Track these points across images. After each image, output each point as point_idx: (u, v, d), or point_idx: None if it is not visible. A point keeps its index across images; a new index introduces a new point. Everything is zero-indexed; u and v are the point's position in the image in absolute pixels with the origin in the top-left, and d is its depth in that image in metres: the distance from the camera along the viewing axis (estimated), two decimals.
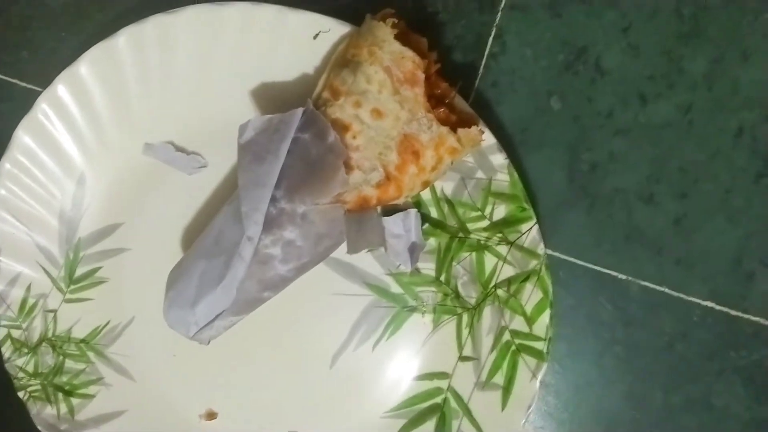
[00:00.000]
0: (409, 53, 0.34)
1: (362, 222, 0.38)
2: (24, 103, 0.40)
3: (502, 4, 0.39)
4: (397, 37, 0.35)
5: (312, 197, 0.36)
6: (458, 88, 0.37)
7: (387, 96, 0.35)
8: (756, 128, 0.39)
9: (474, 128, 0.36)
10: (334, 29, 0.38)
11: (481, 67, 0.40)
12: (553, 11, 0.39)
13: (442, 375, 0.42)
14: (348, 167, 0.35)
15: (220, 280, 0.37)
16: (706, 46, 0.39)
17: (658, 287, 0.41)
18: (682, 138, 0.39)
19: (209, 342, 0.39)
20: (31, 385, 0.42)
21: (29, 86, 0.42)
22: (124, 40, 0.39)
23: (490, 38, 0.39)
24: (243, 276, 0.37)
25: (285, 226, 0.36)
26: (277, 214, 0.36)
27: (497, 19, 0.39)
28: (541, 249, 0.39)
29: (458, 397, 0.42)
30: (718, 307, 0.40)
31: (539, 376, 0.40)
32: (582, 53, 0.39)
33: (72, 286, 0.43)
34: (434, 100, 0.36)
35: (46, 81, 0.40)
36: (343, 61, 0.36)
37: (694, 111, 0.39)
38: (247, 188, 0.36)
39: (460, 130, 0.35)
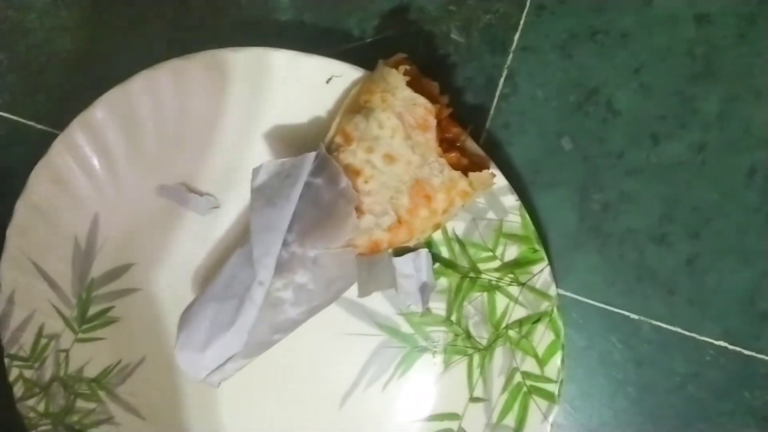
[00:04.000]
0: (420, 100, 0.35)
1: (373, 264, 0.38)
2: (40, 145, 0.40)
3: (513, 46, 0.39)
4: (410, 83, 0.35)
5: (323, 241, 0.36)
6: (469, 132, 0.37)
7: (399, 141, 0.35)
8: None
9: (485, 172, 0.36)
10: (347, 74, 0.38)
11: (493, 108, 0.40)
12: (563, 52, 0.39)
13: (453, 416, 0.42)
14: (359, 211, 0.36)
15: (231, 324, 0.37)
16: (718, 86, 0.39)
17: (670, 327, 0.40)
18: (695, 178, 0.39)
19: (219, 384, 0.39)
20: (41, 425, 0.42)
21: (45, 128, 0.43)
22: (139, 84, 0.39)
23: (502, 79, 0.40)
24: (254, 320, 0.37)
25: (296, 270, 0.36)
26: (289, 257, 0.36)
27: (508, 61, 0.39)
28: (552, 291, 0.39)
29: None
30: (731, 347, 0.40)
31: (550, 419, 0.40)
32: (593, 94, 0.39)
33: (84, 326, 0.43)
34: (446, 144, 0.36)
35: (61, 123, 0.40)
36: (355, 106, 0.36)
37: (707, 151, 0.39)
38: (259, 232, 0.36)
39: (471, 174, 0.35)
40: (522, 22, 0.39)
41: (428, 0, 0.39)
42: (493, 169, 0.38)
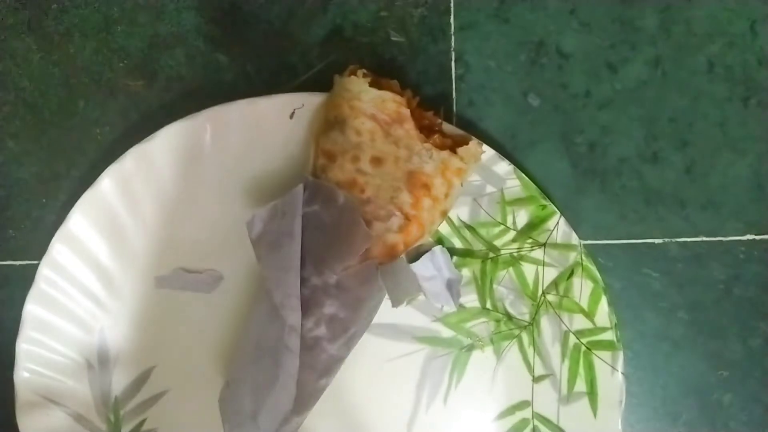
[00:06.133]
0: (388, 95, 0.35)
1: (395, 273, 0.37)
2: (25, 283, 0.39)
3: (452, 29, 0.40)
4: (371, 85, 0.35)
5: (340, 263, 0.35)
6: (443, 113, 0.37)
7: (380, 141, 0.35)
8: (724, 57, 0.40)
9: (472, 143, 0.36)
10: (307, 103, 0.38)
11: (453, 92, 0.40)
12: (499, 19, 0.40)
13: (523, 404, 0.40)
14: (365, 222, 0.35)
15: (275, 382, 0.35)
16: (650, 0, 0.40)
17: (695, 239, 0.40)
18: (662, 91, 0.40)
19: None
20: None
21: (25, 263, 0.41)
22: (107, 182, 0.38)
23: (452, 63, 0.40)
24: (296, 369, 0.35)
25: (323, 302, 0.35)
26: (311, 293, 0.35)
27: (452, 44, 0.40)
28: (574, 239, 0.39)
29: (547, 421, 0.40)
30: (758, 237, 0.40)
31: (619, 367, 0.39)
32: (541, 46, 0.40)
33: None
34: (425, 131, 0.36)
35: (40, 252, 0.39)
36: (327, 125, 0.36)
37: (663, 62, 0.40)
38: (274, 278, 0.35)
39: (459, 150, 0.35)
40: (452, 5, 0.40)
41: (359, 14, 0.40)
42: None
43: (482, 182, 0.39)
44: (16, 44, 0.41)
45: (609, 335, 0.39)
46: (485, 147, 0.37)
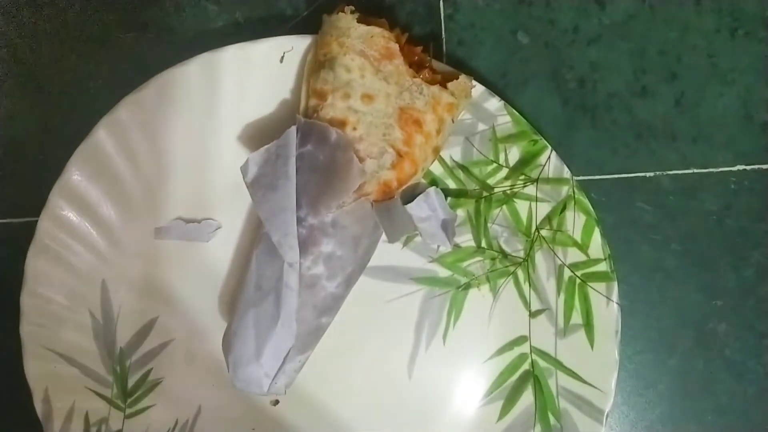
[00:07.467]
0: (376, 30, 0.35)
1: (390, 211, 0.37)
2: (26, 240, 0.39)
3: None
4: (359, 22, 0.35)
5: (335, 201, 0.35)
6: (432, 49, 0.38)
7: (370, 78, 0.35)
8: None
9: (462, 77, 0.36)
10: (296, 46, 0.38)
11: (443, 31, 0.40)
12: None
13: (521, 339, 0.41)
14: (359, 159, 0.35)
15: (276, 319, 0.36)
16: None
17: (686, 171, 0.41)
18: (650, 24, 0.40)
19: (285, 391, 0.38)
20: None
21: (25, 220, 0.42)
22: (102, 132, 0.39)
23: (440, 2, 0.40)
24: (297, 305, 0.36)
25: (319, 241, 0.36)
26: (308, 232, 0.35)
27: None
28: (566, 173, 0.39)
29: (545, 355, 0.40)
30: (749, 167, 0.40)
31: (614, 298, 0.39)
32: None
33: (129, 400, 0.41)
34: (415, 67, 0.36)
35: (39, 208, 0.39)
36: (317, 65, 0.36)
37: None
38: (271, 219, 0.35)
39: (450, 84, 0.36)
40: None
41: None
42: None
43: (474, 120, 0.39)
44: (5, 1, 0.41)
45: (603, 266, 0.39)
46: (475, 83, 0.38)
